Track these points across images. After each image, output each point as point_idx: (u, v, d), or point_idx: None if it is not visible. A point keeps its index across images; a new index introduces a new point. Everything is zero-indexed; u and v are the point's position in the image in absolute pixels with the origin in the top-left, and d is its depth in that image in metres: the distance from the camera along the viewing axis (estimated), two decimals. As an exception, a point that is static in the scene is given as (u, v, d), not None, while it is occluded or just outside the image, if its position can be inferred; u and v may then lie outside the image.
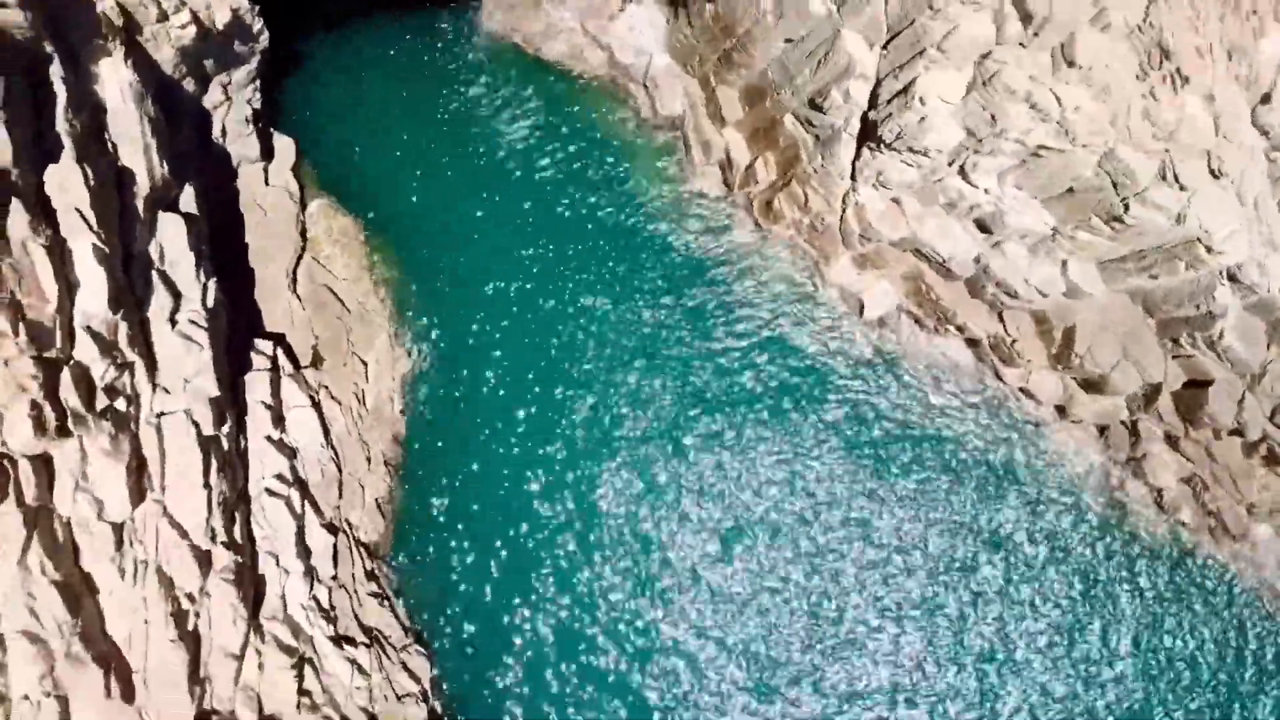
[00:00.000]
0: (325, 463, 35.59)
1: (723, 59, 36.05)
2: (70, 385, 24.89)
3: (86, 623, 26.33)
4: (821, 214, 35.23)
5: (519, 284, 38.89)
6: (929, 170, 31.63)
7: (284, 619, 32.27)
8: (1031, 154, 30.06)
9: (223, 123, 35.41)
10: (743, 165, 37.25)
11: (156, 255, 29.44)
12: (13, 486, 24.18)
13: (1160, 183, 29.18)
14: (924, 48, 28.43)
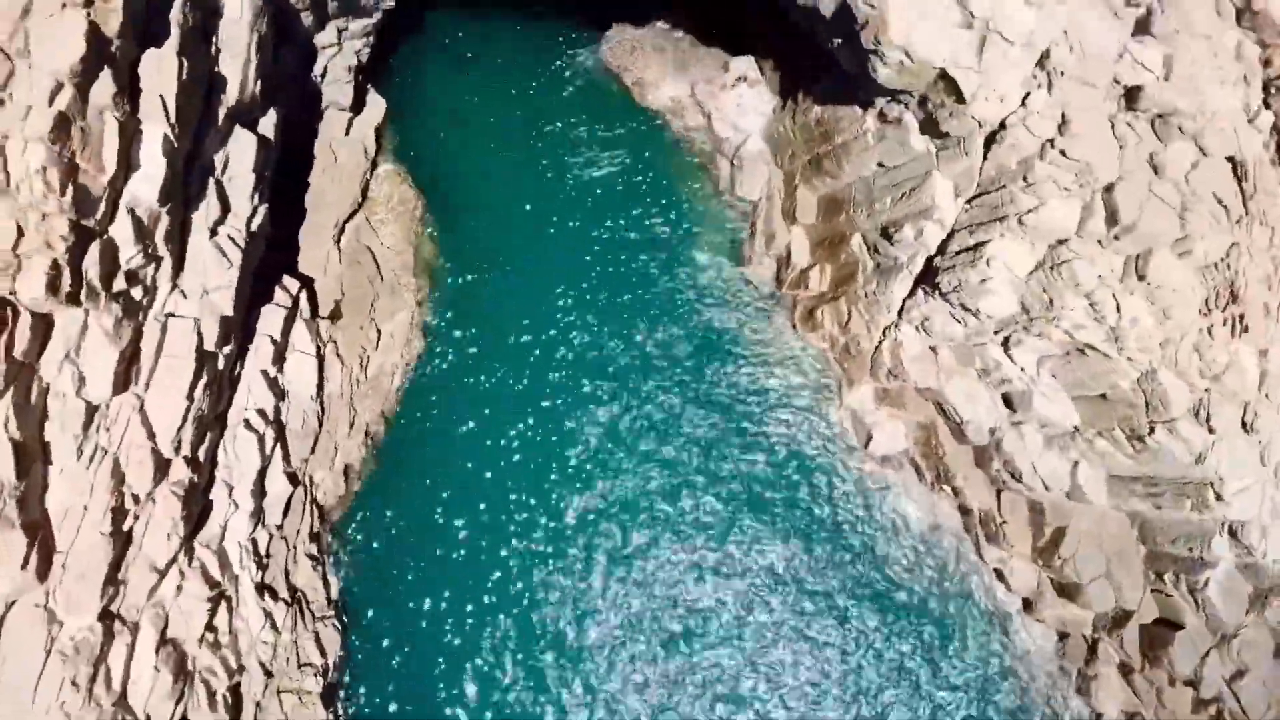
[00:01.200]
0: (309, 414, 35.50)
1: (813, 161, 36.45)
2: (95, 258, 25.02)
3: (29, 489, 26.06)
4: (859, 338, 35.26)
5: (548, 312, 38.95)
6: (974, 331, 31.65)
7: (217, 550, 31.92)
8: (1076, 349, 30.02)
9: (326, 64, 36.08)
10: (799, 267, 37.42)
11: (220, 165, 29.78)
12: (6, 337, 24.16)
13: (1192, 418, 29.01)
14: (1005, 215, 28.64)
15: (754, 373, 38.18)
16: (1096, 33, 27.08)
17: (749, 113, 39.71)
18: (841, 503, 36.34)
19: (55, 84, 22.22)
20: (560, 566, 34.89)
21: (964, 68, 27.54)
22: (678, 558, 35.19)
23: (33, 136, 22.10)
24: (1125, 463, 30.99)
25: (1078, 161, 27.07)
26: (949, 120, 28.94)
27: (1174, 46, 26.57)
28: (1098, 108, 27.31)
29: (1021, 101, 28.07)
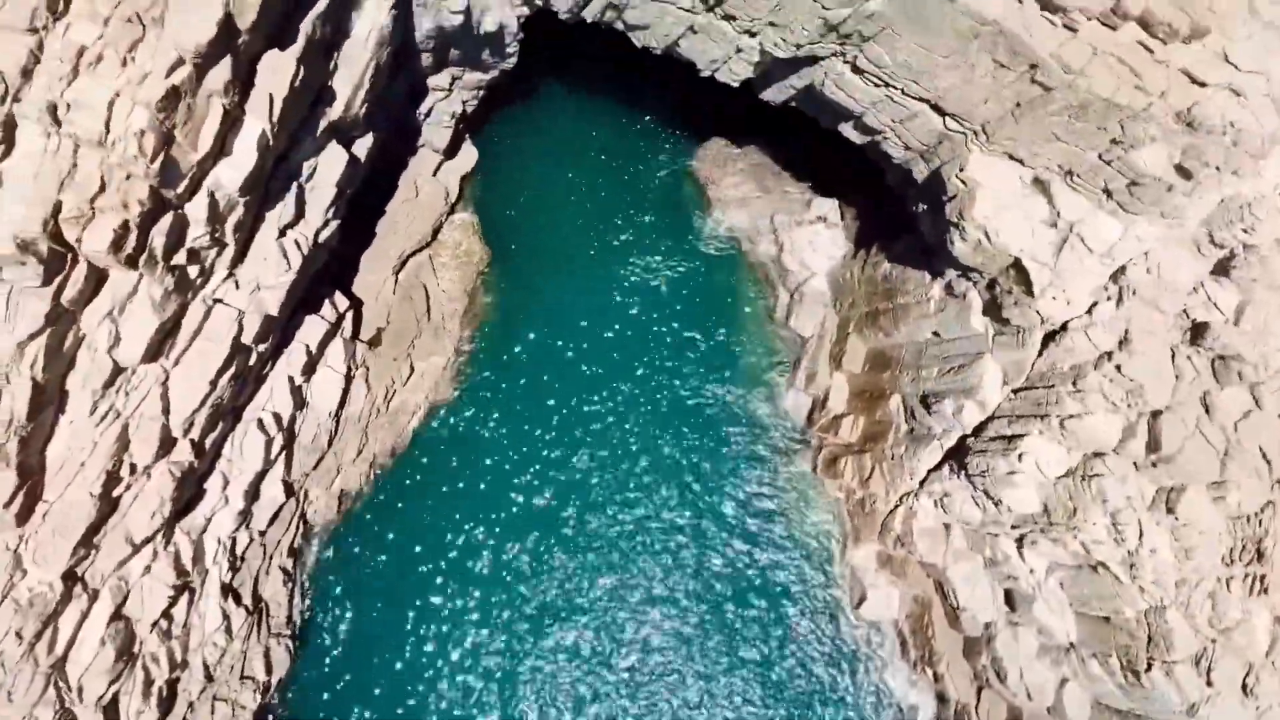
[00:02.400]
0: (322, 431, 35.60)
1: (871, 314, 36.65)
2: (164, 229, 25.55)
3: (35, 432, 26.15)
4: (875, 497, 34.83)
5: (581, 398, 39.17)
6: (991, 520, 31.11)
7: (195, 540, 31.72)
8: (1089, 565, 29.33)
9: (433, 105, 37.21)
10: (834, 413, 37.27)
11: (307, 172, 30.56)
12: (59, 280, 24.63)
13: (1192, 665, 28.01)
14: (1048, 414, 28.40)
15: (766, 506, 37.80)
16: (1175, 262, 27.20)
17: (820, 253, 40.17)
18: (821, 660, 35.44)
19: (177, 59, 23.10)
20: (524, 665, 34.21)
21: (1039, 262, 27.75)
22: (635, 672, 34.47)
23: (141, 101, 22.88)
24: (1115, 693, 29.90)
25: (1131, 381, 26.89)
26: (1013, 308, 29.02)
27: (1250, 295, 26.56)
28: (1162, 335, 27.24)
29: (1088, 309, 28.12)
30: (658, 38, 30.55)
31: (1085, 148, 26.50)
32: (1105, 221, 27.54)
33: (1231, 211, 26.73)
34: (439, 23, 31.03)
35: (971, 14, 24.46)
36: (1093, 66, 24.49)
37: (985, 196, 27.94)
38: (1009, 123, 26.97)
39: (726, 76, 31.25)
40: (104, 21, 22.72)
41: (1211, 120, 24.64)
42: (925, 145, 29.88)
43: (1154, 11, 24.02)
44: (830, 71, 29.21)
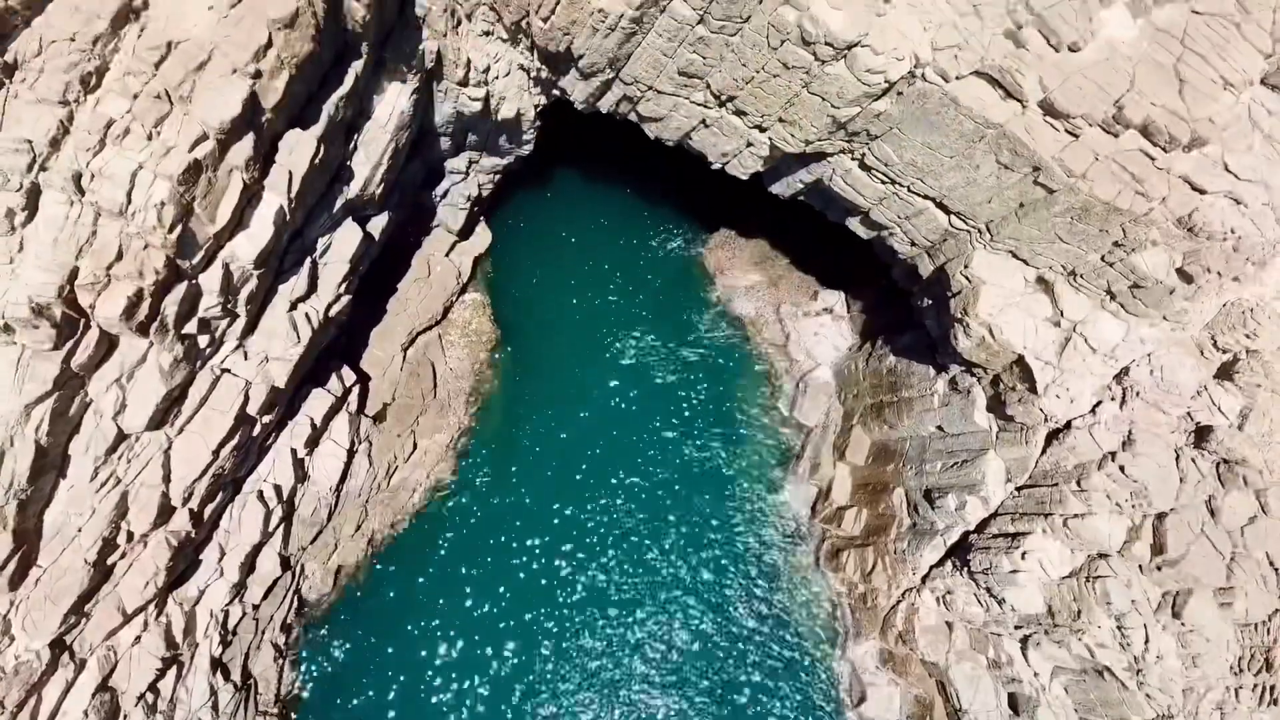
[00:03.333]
0: (322, 505, 35.46)
1: (875, 406, 36.65)
2: (178, 298, 25.90)
3: (34, 496, 26.17)
4: (877, 592, 34.32)
5: (582, 482, 39.06)
6: (994, 619, 30.59)
7: (187, 612, 31.44)
8: (1094, 669, 28.70)
9: (450, 187, 37.97)
10: (836, 505, 36.99)
11: (321, 248, 31.07)
12: (70, 344, 24.90)
13: (1199, 778, 27.27)
14: (1051, 513, 28.15)
15: (768, 598, 37.29)
16: (1178, 365, 27.26)
17: (826, 344, 40.41)
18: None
19: (201, 134, 23.74)
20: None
21: (1042, 360, 27.85)
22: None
23: (164, 173, 23.44)
24: (1120, 806, 29.02)
25: (1135, 482, 26.71)
26: (1016, 405, 29.02)
27: (1254, 400, 26.54)
28: (1165, 437, 27.16)
29: (1092, 409, 28.11)
30: (670, 130, 31.28)
31: (1087, 249, 26.84)
32: (1108, 322, 27.72)
33: (1233, 316, 26.91)
34: (458, 109, 31.85)
35: (976, 117, 25.06)
36: (1094, 171, 24.98)
37: (989, 294, 28.20)
38: (1012, 222, 27.39)
39: (737, 170, 31.88)
40: (134, 96, 23.43)
41: (1212, 226, 25.00)
42: (930, 241, 30.29)
43: (1155, 120, 24.57)
44: (838, 167, 29.81)
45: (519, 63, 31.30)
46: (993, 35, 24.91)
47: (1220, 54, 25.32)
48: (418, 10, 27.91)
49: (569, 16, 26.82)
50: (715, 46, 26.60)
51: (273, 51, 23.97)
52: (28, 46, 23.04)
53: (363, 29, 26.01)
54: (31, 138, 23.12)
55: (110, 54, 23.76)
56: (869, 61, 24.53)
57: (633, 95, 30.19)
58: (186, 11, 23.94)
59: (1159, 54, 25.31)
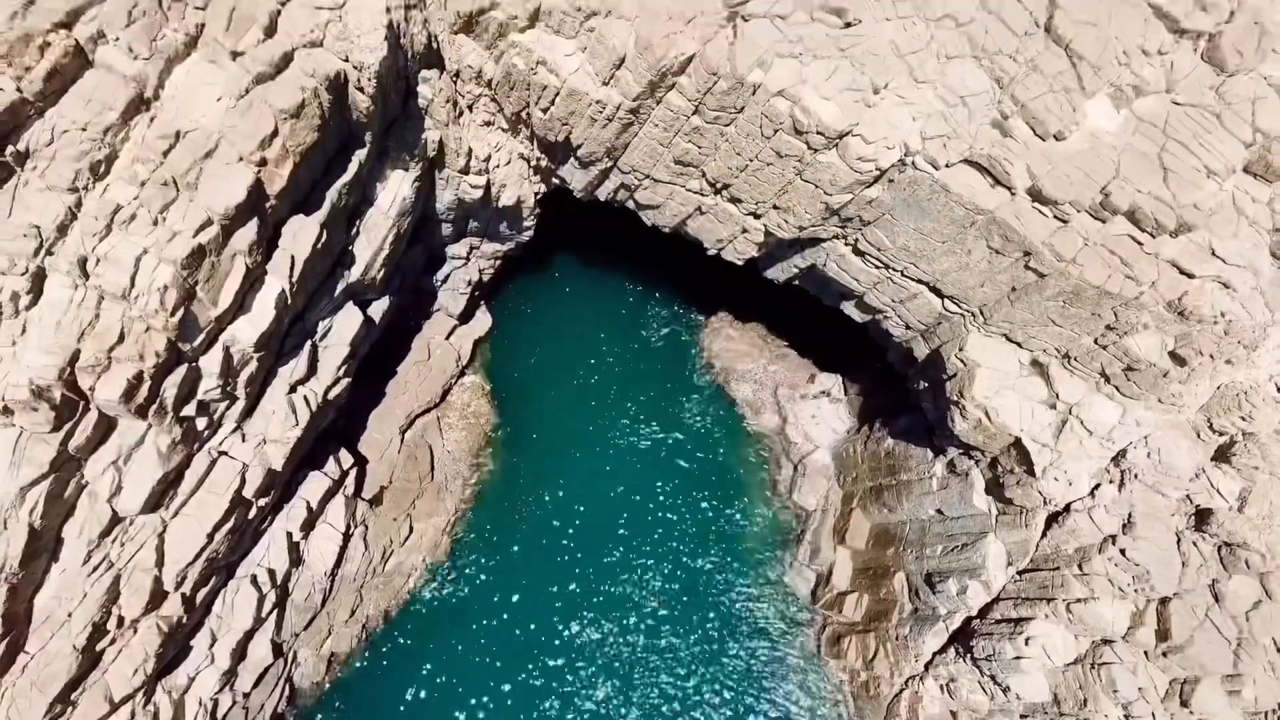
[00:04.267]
0: (316, 590, 35.06)
1: (874, 489, 36.47)
2: (177, 380, 26.03)
3: (25, 579, 25.91)
4: (880, 680, 33.67)
5: (579, 569, 38.68)
6: (999, 708, 29.91)
7: (176, 700, 30.85)
8: (1103, 761, 28.07)
9: (450, 272, 38.46)
10: (837, 590, 36.54)
11: (321, 331, 31.37)
12: (69, 427, 24.98)
13: None
14: (1054, 597, 27.81)
15: (769, 687, 36.61)
16: (1175, 448, 27.24)
17: (823, 426, 40.41)
18: None
19: (206, 219, 24.18)
20: None
21: (1039, 443, 27.85)
22: None
23: (168, 258, 23.80)
24: None
25: (1137, 566, 26.44)
26: (1015, 488, 28.91)
27: (1252, 482, 26.46)
28: (1165, 520, 26.99)
29: (1090, 491, 28.00)
30: (666, 217, 31.85)
31: (1080, 332, 27.07)
32: (1103, 405, 27.80)
33: (1228, 399, 26.99)
34: (459, 196, 32.48)
35: (966, 204, 25.55)
36: (1084, 255, 25.35)
37: (984, 376, 28.34)
38: (1005, 306, 27.67)
39: (732, 255, 32.37)
40: (141, 183, 23.94)
41: (1202, 310, 25.25)
42: (925, 325, 30.57)
43: (1141, 207, 25.04)
44: (832, 253, 30.26)
45: (519, 152, 32.04)
46: (980, 125, 25.55)
47: (1202, 143, 25.93)
48: (420, 101, 28.67)
49: (567, 108, 27.54)
50: (710, 136, 27.26)
51: (278, 140, 24.57)
52: (40, 136, 23.62)
53: (367, 119, 26.69)
54: (40, 223, 23.54)
55: (120, 143, 24.36)
56: (860, 150, 25.13)
57: (630, 183, 30.83)
58: (196, 103, 24.60)
59: (1142, 143, 25.92)
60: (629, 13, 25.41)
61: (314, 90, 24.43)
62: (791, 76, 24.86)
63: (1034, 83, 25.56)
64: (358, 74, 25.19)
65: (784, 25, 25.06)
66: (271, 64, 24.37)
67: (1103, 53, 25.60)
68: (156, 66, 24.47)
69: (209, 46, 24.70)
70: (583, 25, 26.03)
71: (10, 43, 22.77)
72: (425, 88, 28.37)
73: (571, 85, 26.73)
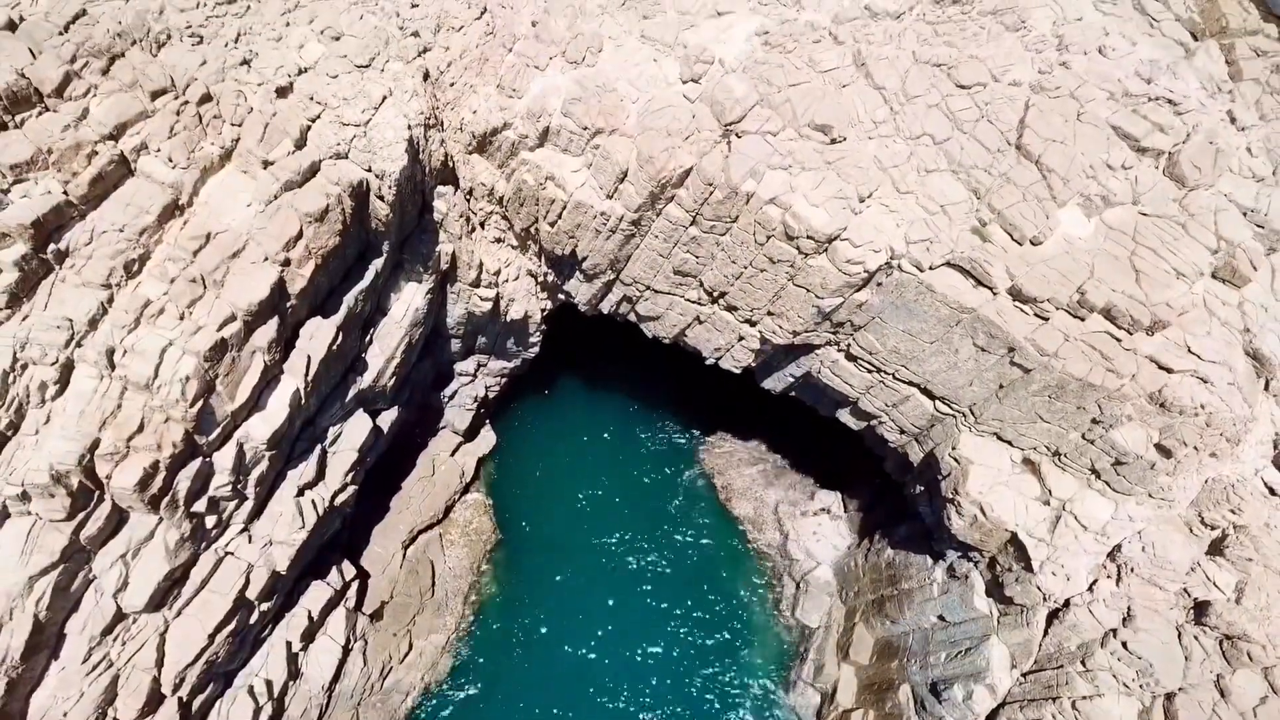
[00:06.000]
0: (312, 706, 34.58)
1: (877, 602, 36.40)
2: (191, 474, 26.76)
3: (24, 675, 25.86)
4: (888, 800, 32.81)
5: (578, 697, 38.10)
6: (1012, 823, 29.13)
7: (164, 818, 29.95)
8: None
9: (457, 389, 39.64)
10: (843, 708, 35.91)
11: (331, 436, 32.23)
12: (82, 516, 25.53)
13: None
14: (1059, 696, 27.49)
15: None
16: (1169, 542, 27.55)
17: (824, 542, 40.64)
18: None
19: (230, 315, 25.52)
20: None
21: (1035, 538, 28.24)
22: None
23: (191, 350, 25.01)
24: None
25: (1139, 659, 26.33)
26: (1014, 585, 29.07)
27: (1247, 573, 26.68)
28: (1165, 613, 27.06)
29: (1089, 586, 28.16)
30: (666, 328, 33.26)
31: (1068, 427, 27.94)
32: (1096, 500, 28.36)
33: (1217, 493, 27.57)
34: (469, 309, 34.02)
35: (950, 303, 26.95)
36: (1065, 350, 26.54)
37: (978, 473, 29.02)
38: (994, 403, 28.66)
39: (729, 364, 33.60)
40: (171, 280, 25.42)
41: (1183, 401, 26.20)
42: (918, 428, 31.45)
43: (1116, 305, 26.40)
44: (825, 359, 31.49)
45: (527, 268, 33.79)
46: (960, 231, 27.26)
47: (1170, 249, 27.56)
48: (435, 215, 30.58)
49: (574, 220, 29.38)
50: (706, 245, 28.97)
51: (302, 242, 26.23)
52: (80, 236, 25.28)
53: (385, 228, 28.47)
54: (72, 317, 24.88)
55: (154, 244, 26.01)
56: (849, 253, 26.73)
57: (631, 295, 32.39)
58: (227, 209, 26.43)
59: (1114, 248, 27.57)
60: (631, 130, 27.56)
61: (338, 196, 26.29)
62: (782, 185, 26.76)
63: (1008, 193, 27.46)
64: (379, 182, 27.09)
65: (774, 140, 27.17)
66: (299, 173, 26.33)
67: (1070, 166, 27.62)
68: (192, 176, 26.43)
69: (243, 158, 26.71)
70: (589, 143, 28.17)
71: (62, 150, 24.74)
72: (440, 202, 30.34)
73: (578, 199, 28.63)
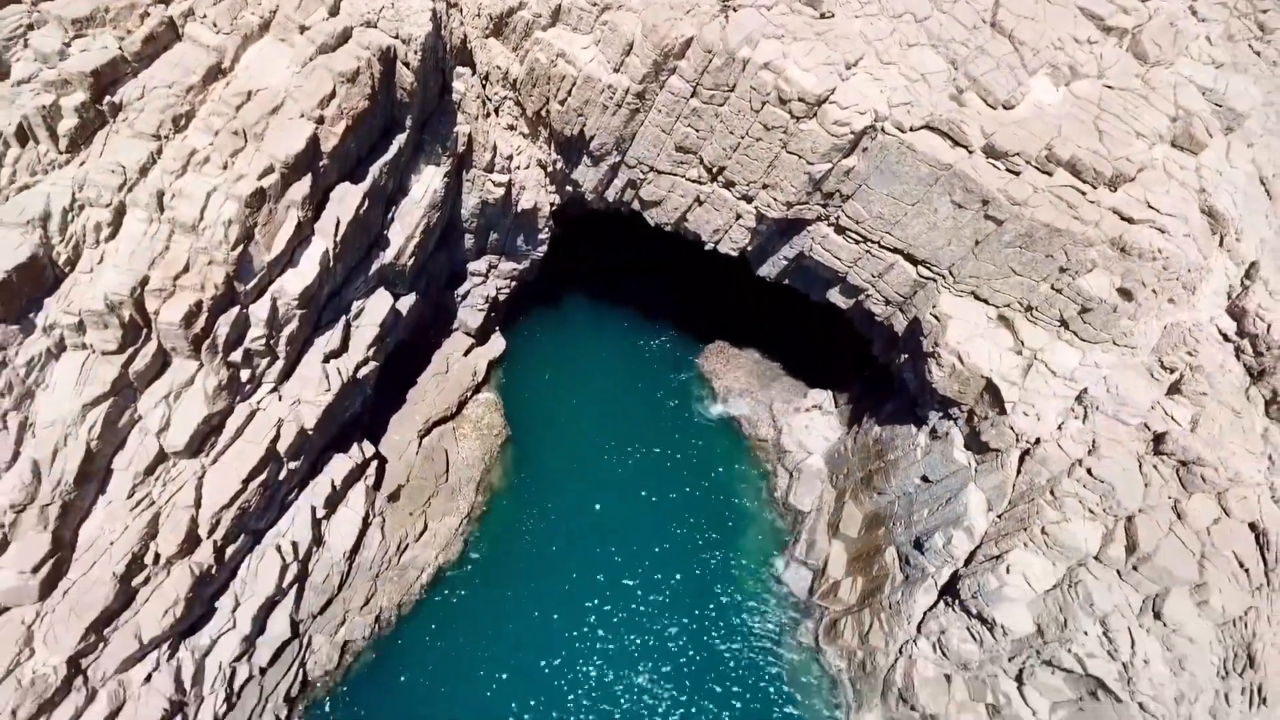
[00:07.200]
0: (334, 573, 36.62)
1: (865, 478, 38.75)
2: (229, 320, 28.97)
3: (75, 502, 27.95)
4: (875, 652, 34.95)
5: (583, 572, 40.44)
6: (988, 655, 31.31)
7: (197, 660, 32.10)
8: (1089, 692, 29.33)
9: (470, 289, 41.99)
10: (833, 579, 38.22)
11: (355, 310, 34.50)
12: (131, 350, 27.78)
13: (1203, 792, 27.35)
14: (1029, 525, 29.84)
15: (769, 685, 37.81)
16: (1132, 385, 30.00)
17: (816, 435, 43.00)
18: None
19: (269, 166, 27.83)
20: None
21: (1009, 381, 30.63)
22: None
23: (234, 195, 27.32)
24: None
25: (1102, 483, 28.67)
26: (990, 431, 31.41)
27: (1202, 407, 29.04)
28: (1127, 444, 29.41)
29: (1058, 426, 30.53)
30: (668, 212, 35.64)
31: (1038, 279, 30.37)
32: (1064, 350, 30.78)
33: (1175, 336, 29.97)
34: (483, 197, 36.39)
35: (930, 161, 29.38)
36: (1034, 199, 28.97)
37: (956, 326, 31.42)
38: (970, 260, 31.06)
39: (728, 246, 35.97)
40: (215, 133, 27.77)
41: (1142, 245, 28.62)
42: (902, 296, 33.83)
43: (1081, 159, 28.87)
44: (816, 235, 33.89)
45: (538, 158, 36.18)
46: (939, 96, 29.74)
47: (1132, 115, 30.08)
48: (454, 96, 32.97)
49: (583, 96, 31.77)
50: (706, 118, 31.38)
51: (335, 101, 28.60)
52: (132, 92, 27.65)
53: (409, 99, 30.85)
54: (125, 164, 27.20)
55: (199, 103, 28.38)
56: (836, 115, 29.17)
57: (635, 179, 34.77)
58: (266, 72, 28.80)
59: (1080, 114, 30.09)
60: (637, 5, 30.03)
61: (368, 60, 28.69)
62: (775, 52, 29.23)
63: (984, 62, 29.98)
64: (405, 48, 29.51)
65: (768, 14, 29.70)
66: (333, 36, 28.74)
67: (1040, 39, 30.19)
68: (234, 41, 28.83)
69: (281, 26, 29.12)
70: (597, 19, 30.63)
71: (117, 10, 27.15)
72: (459, 83, 32.77)
73: (587, 73, 31.05)
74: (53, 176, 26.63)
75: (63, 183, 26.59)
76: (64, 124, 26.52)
